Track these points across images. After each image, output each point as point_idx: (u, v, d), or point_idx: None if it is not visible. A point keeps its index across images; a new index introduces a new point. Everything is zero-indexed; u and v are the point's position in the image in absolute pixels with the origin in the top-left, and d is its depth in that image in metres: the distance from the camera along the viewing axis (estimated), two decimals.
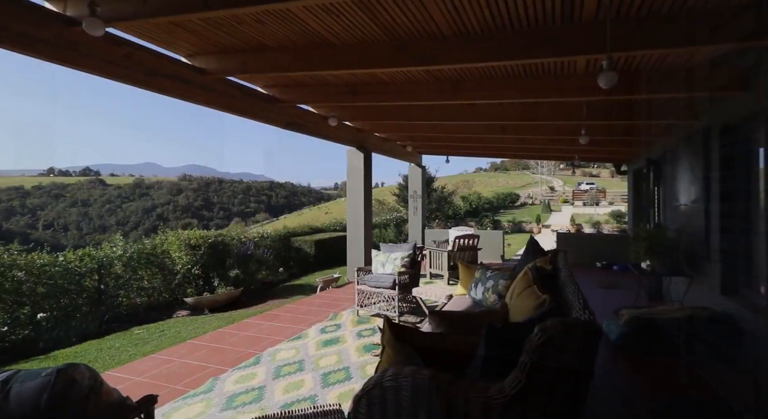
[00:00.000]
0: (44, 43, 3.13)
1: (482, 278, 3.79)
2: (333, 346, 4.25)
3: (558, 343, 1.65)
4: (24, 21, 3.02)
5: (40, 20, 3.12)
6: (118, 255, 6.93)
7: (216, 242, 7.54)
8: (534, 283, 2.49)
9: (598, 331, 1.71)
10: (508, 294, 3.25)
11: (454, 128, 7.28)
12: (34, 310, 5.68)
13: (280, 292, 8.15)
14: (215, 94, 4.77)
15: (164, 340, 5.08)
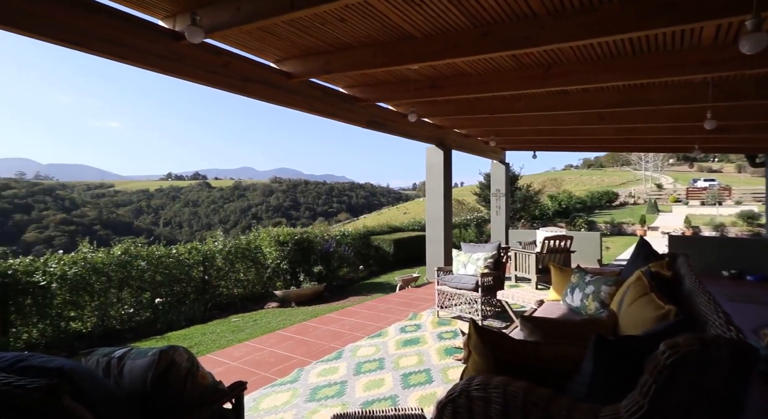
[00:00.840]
0: (157, 56, 3.52)
1: (580, 283, 3.37)
2: (413, 347, 4.14)
3: (694, 365, 1.33)
4: (142, 38, 3.42)
5: (154, 37, 3.51)
6: (219, 249, 7.65)
7: (302, 239, 7.93)
8: (652, 291, 2.10)
9: (754, 353, 1.35)
10: (615, 301, 2.83)
11: (543, 120, 6.72)
12: (153, 296, 6.51)
13: (360, 289, 8.31)
14: (300, 97, 4.99)
15: (257, 329, 5.45)
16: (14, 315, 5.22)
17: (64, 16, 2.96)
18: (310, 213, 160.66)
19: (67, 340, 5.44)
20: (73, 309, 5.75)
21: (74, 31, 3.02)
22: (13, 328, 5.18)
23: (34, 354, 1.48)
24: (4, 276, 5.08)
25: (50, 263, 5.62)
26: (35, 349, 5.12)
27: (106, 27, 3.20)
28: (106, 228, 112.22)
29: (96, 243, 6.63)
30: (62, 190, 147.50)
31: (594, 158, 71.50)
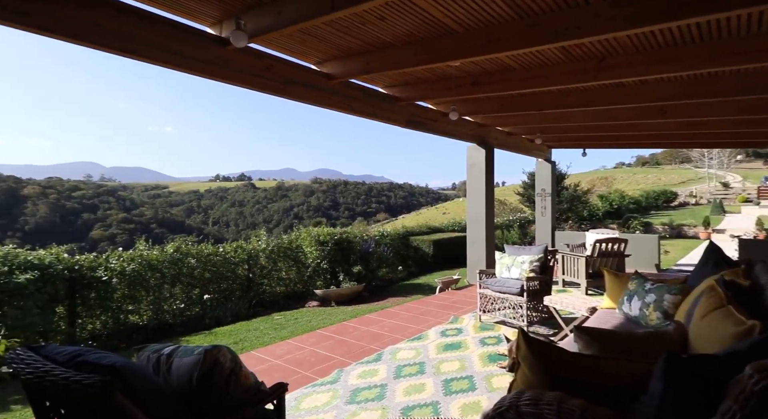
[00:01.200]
0: (205, 62, 3.65)
1: (639, 290, 3.10)
2: (454, 351, 4.02)
3: None
4: (191, 45, 3.56)
5: (202, 43, 3.64)
6: (263, 248, 7.88)
7: (341, 239, 8.00)
8: (730, 303, 1.87)
9: None
10: (681, 313, 2.57)
11: (595, 115, 6.32)
12: (202, 292, 6.81)
13: (399, 290, 8.25)
14: (339, 97, 5.01)
15: (298, 327, 5.54)
16: (80, 307, 5.65)
17: (121, 26, 3.13)
18: (349, 213, 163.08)
19: (126, 332, 5.81)
20: (131, 303, 6.13)
21: (129, 40, 3.19)
22: (79, 320, 5.61)
23: (90, 350, 1.54)
24: (71, 271, 5.50)
25: (111, 260, 6.03)
26: (98, 340, 5.51)
27: (159, 35, 3.36)
28: (161, 226, 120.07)
29: (151, 241, 7.04)
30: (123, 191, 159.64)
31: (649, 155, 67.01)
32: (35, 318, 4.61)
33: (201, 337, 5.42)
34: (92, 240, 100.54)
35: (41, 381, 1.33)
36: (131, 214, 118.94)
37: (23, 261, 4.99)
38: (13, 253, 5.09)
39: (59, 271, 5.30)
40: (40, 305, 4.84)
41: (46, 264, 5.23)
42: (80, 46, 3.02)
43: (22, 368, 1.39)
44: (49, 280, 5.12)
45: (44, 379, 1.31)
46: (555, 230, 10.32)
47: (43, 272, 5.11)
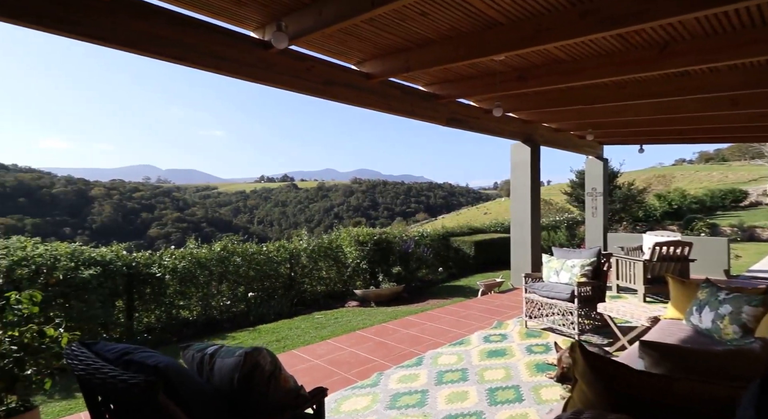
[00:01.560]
0: (250, 66, 3.73)
1: (711, 300, 2.78)
2: (499, 358, 3.84)
3: None
4: (236, 49, 3.65)
5: (247, 47, 3.72)
6: (304, 247, 8.02)
7: (380, 239, 7.97)
8: None
9: None
10: (763, 327, 2.27)
11: (654, 108, 5.84)
12: (246, 290, 7.03)
13: (439, 292, 8.09)
14: (379, 97, 4.96)
15: (338, 327, 5.56)
16: (137, 302, 6.01)
17: (172, 34, 3.26)
18: (388, 213, 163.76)
19: (177, 326, 6.11)
20: (182, 298, 6.44)
21: (180, 47, 3.31)
22: (136, 313, 5.96)
23: (138, 348, 1.58)
24: (129, 267, 5.85)
25: (164, 257, 6.36)
26: (152, 333, 5.82)
27: (207, 42, 3.47)
28: (210, 225, 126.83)
29: (201, 239, 7.37)
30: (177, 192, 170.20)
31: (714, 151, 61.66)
32: (97, 311, 4.94)
33: (245, 334, 5.57)
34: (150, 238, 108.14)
35: (92, 378, 1.36)
36: (184, 214, 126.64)
37: (87, 258, 5.37)
38: (79, 250, 5.50)
39: (118, 267, 5.66)
40: (102, 299, 5.18)
41: (107, 261, 5.60)
42: (134, 54, 3.17)
43: (75, 364, 1.44)
44: (110, 276, 5.47)
45: (94, 376, 1.35)
46: (607, 232, 9.69)
47: (105, 268, 5.47)
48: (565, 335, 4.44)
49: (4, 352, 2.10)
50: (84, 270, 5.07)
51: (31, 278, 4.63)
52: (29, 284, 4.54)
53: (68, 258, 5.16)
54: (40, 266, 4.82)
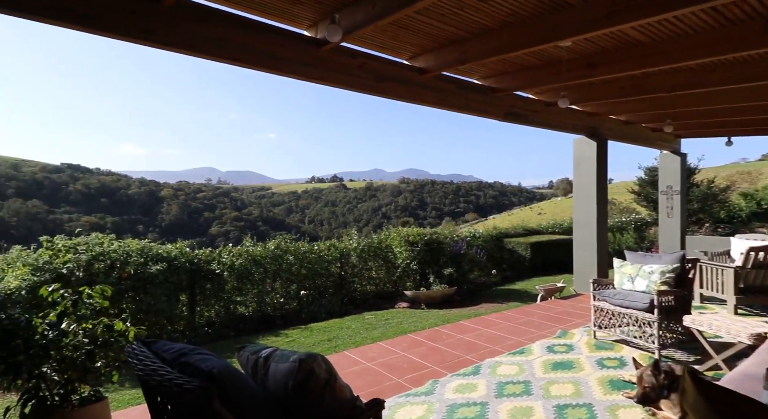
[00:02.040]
0: (303, 64, 3.71)
1: None
2: (565, 372, 3.50)
3: None
4: (291, 49, 3.64)
5: (301, 46, 3.71)
6: (354, 247, 8.01)
7: (431, 240, 7.76)
8: None
9: None
10: None
11: (750, 93, 5.10)
12: (299, 288, 7.14)
13: (493, 295, 7.72)
14: (432, 92, 4.77)
15: (388, 329, 5.45)
16: (199, 296, 6.31)
17: (231, 36, 3.32)
18: (436, 213, 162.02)
19: (234, 321, 6.33)
20: (239, 294, 6.67)
21: (238, 49, 3.36)
22: (197, 308, 6.26)
23: (194, 349, 1.54)
24: (191, 264, 6.15)
25: (223, 254, 6.63)
26: (212, 326, 6.07)
27: (263, 42, 3.50)
28: (265, 224, 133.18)
29: (257, 237, 7.61)
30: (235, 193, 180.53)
31: None
32: (163, 305, 5.22)
33: (298, 332, 5.63)
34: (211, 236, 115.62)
35: (149, 379, 1.33)
36: (241, 213, 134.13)
37: (155, 254, 5.70)
38: (148, 247, 5.86)
39: (182, 264, 5.96)
40: (167, 293, 5.47)
41: (172, 257, 5.91)
42: (194, 57, 3.26)
43: (135, 363, 1.43)
44: (175, 271, 5.77)
45: (152, 378, 1.32)
46: (685, 234, 8.73)
47: (170, 264, 5.79)
48: (641, 349, 3.98)
49: (78, 344, 2.20)
50: (152, 266, 5.39)
51: (106, 272, 4.98)
52: (105, 278, 4.89)
53: (138, 254, 5.51)
54: (115, 261, 5.19)
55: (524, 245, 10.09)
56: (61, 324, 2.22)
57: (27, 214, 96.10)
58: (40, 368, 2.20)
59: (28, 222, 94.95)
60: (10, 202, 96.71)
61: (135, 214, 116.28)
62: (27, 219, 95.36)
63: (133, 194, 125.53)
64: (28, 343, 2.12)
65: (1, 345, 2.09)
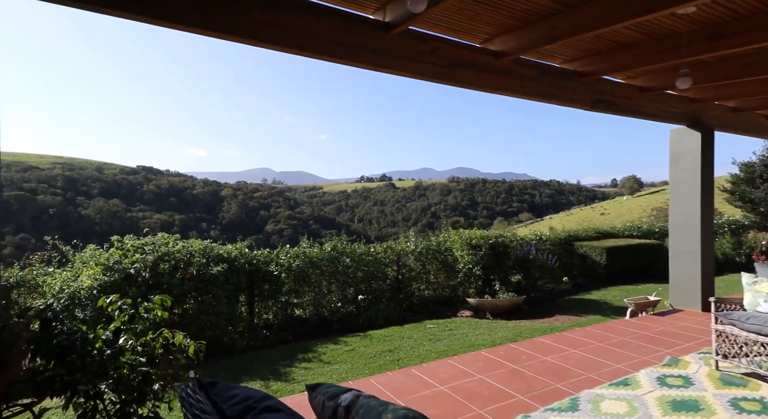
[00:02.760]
0: (370, 51, 3.34)
1: None
2: (692, 415, 2.83)
3: None
4: (357, 34, 3.29)
5: (367, 31, 3.34)
6: (411, 249, 7.59)
7: (496, 243, 7.13)
8: None
9: None
10: None
11: None
12: (355, 291, 6.86)
13: (566, 306, 6.94)
14: (510, 78, 4.21)
15: (454, 342, 4.97)
16: (257, 297, 6.23)
17: (296, 22, 3.03)
18: (488, 213, 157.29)
19: (291, 324, 6.16)
20: (296, 296, 6.51)
21: (302, 36, 3.07)
22: (256, 309, 6.18)
23: (262, 398, 1.20)
24: (250, 264, 6.07)
25: (280, 255, 6.51)
26: (270, 329, 5.93)
27: (328, 27, 3.18)
28: (316, 223, 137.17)
29: (309, 236, 7.43)
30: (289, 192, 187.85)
31: None
32: (223, 307, 5.14)
33: (357, 340, 5.32)
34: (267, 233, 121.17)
35: None
36: (294, 212, 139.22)
37: (216, 255, 5.67)
38: (210, 247, 5.84)
39: (242, 265, 5.88)
40: (228, 294, 5.40)
41: (233, 258, 5.86)
42: (256, 46, 3.01)
43: (189, 414, 1.10)
44: (234, 272, 5.70)
45: None
46: None
47: (230, 265, 5.73)
48: None
49: (134, 363, 1.98)
50: (213, 267, 5.33)
51: (170, 272, 4.98)
52: (169, 278, 4.89)
53: (201, 254, 5.48)
54: (179, 261, 5.18)
55: (599, 250, 9.09)
56: (118, 340, 2.01)
57: (108, 212, 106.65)
58: (98, 387, 1.99)
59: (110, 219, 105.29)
60: (94, 202, 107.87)
61: (199, 212, 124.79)
62: (108, 216, 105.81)
63: (198, 194, 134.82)
64: (85, 360, 1.91)
65: (58, 361, 1.90)
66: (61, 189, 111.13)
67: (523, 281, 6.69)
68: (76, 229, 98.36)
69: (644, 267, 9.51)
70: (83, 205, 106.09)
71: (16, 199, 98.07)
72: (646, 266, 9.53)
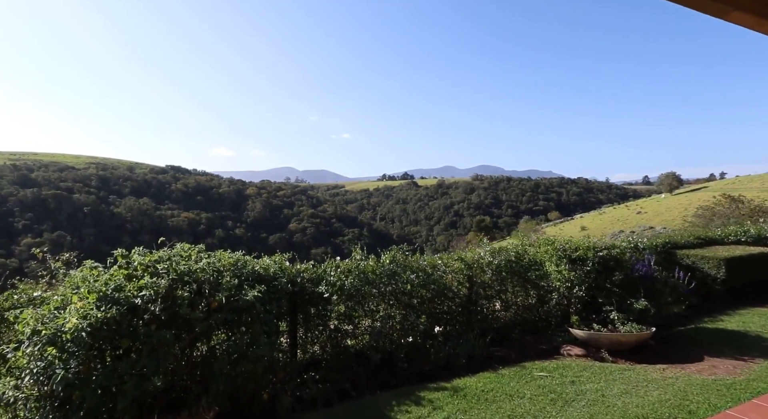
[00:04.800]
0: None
1: None
2: None
3: None
4: None
5: None
6: (488, 261, 6.02)
7: (608, 256, 5.44)
8: None
9: None
10: None
11: None
12: (420, 315, 5.35)
13: (703, 339, 5.23)
14: None
15: (594, 408, 3.40)
16: (300, 326, 4.82)
17: None
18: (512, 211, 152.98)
19: (345, 361, 4.72)
20: (348, 322, 5.07)
21: None
22: (299, 341, 4.78)
23: None
24: (293, 284, 4.67)
25: (329, 270, 5.09)
26: (318, 368, 4.52)
27: None
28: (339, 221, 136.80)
29: (329, 234, 5.96)
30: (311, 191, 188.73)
31: None
32: (263, 348, 3.71)
33: (444, 396, 3.80)
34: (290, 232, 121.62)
35: None
36: (317, 210, 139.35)
37: (250, 272, 4.28)
38: (242, 261, 4.46)
39: (283, 285, 4.49)
40: (268, 328, 3.99)
41: (272, 275, 4.47)
42: None
43: None
44: (274, 296, 4.31)
45: None
46: None
47: (269, 285, 4.34)
48: None
49: None
50: (248, 291, 3.93)
51: (191, 301, 3.60)
52: (189, 310, 3.51)
53: (231, 271, 4.11)
54: (202, 283, 3.80)
55: (714, 261, 7.27)
56: None
57: (139, 211, 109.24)
58: None
59: (140, 217, 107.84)
60: (126, 200, 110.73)
61: (225, 211, 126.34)
62: (139, 214, 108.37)
63: (224, 192, 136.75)
64: None
65: None
66: (94, 188, 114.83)
67: (652, 308, 5.00)
68: (108, 226, 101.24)
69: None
70: (115, 203, 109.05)
71: (54, 197, 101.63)
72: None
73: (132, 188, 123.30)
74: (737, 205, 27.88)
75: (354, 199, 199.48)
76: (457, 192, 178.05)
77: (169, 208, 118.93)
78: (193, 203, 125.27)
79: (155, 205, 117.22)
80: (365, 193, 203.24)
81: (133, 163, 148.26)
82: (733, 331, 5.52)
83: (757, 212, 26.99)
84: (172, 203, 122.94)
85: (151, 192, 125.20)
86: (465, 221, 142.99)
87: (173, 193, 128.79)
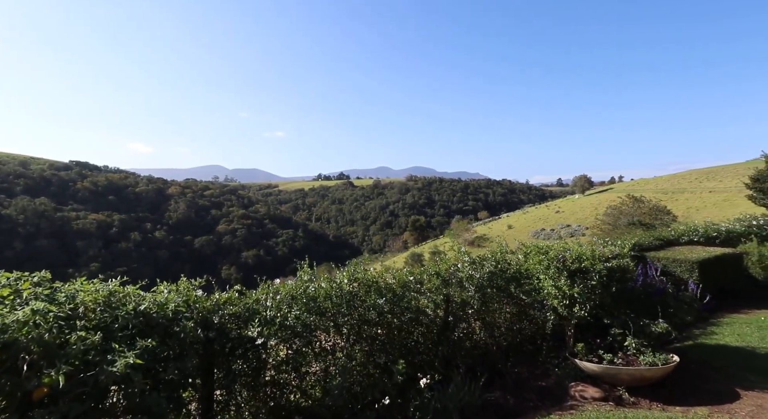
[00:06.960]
0: None
1: None
2: None
3: None
4: None
5: None
6: (466, 275, 4.82)
7: (618, 266, 4.47)
8: None
9: None
10: None
11: None
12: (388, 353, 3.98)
13: (708, 360, 4.51)
14: None
15: None
16: (220, 390, 3.19)
17: None
18: (444, 211, 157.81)
19: None
20: (293, 371, 3.53)
21: None
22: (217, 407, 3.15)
23: None
24: (207, 327, 3.03)
25: (263, 299, 3.50)
26: None
27: None
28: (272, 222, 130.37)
29: (262, 235, 4.41)
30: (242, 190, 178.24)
31: None
32: None
33: None
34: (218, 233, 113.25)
35: None
36: (248, 211, 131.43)
37: (130, 314, 2.58)
38: (120, 296, 2.74)
39: (190, 330, 2.84)
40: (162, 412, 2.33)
41: (171, 317, 2.80)
42: None
43: None
44: (176, 353, 2.66)
45: None
46: None
47: (166, 333, 2.69)
48: None
49: None
50: (118, 355, 2.23)
51: None
52: None
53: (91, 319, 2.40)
54: (21, 351, 2.06)
55: (686, 264, 6.84)
56: None
57: (34, 212, 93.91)
58: None
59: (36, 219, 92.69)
60: (17, 200, 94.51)
61: (143, 212, 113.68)
62: (34, 216, 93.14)
63: (141, 191, 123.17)
64: None
65: None
66: None
67: (673, 331, 4.12)
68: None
69: (738, 285, 7.46)
70: (4, 203, 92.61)
71: None
72: (738, 283, 7.49)
73: (26, 186, 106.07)
74: (639, 205, 30.54)
75: (288, 199, 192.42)
76: (392, 192, 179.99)
77: (74, 208, 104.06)
78: (103, 203, 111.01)
79: (56, 206, 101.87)
80: (300, 193, 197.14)
81: (28, 157, 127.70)
82: (738, 349, 4.89)
83: (654, 211, 29.81)
84: (77, 203, 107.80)
85: (50, 190, 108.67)
86: (400, 221, 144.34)
87: (79, 191, 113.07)
